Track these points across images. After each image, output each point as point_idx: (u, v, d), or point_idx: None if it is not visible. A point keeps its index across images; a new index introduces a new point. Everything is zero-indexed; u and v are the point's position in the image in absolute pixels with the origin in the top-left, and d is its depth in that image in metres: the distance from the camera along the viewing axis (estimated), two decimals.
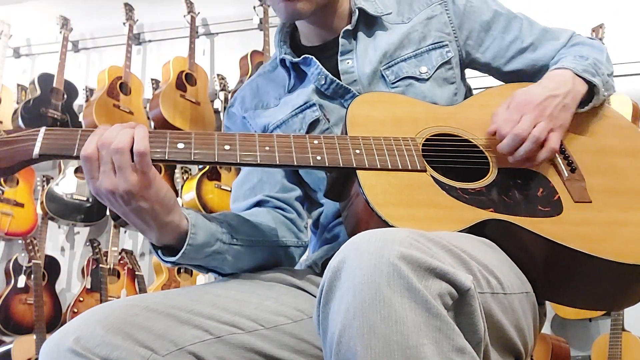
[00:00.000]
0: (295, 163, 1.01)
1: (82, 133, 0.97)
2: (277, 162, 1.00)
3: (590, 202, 1.05)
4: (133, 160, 0.93)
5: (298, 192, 1.27)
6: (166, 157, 0.97)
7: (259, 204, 1.25)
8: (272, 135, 1.03)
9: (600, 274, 0.98)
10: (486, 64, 1.31)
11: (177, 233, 1.02)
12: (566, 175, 1.08)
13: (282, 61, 1.31)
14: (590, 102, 1.17)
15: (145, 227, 0.99)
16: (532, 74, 1.29)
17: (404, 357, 0.68)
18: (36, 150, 0.95)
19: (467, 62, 1.31)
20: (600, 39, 3.12)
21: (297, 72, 1.30)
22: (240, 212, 1.23)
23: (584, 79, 1.15)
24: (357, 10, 1.26)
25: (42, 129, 0.97)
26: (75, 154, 0.95)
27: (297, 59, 1.27)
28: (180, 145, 0.98)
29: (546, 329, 3.12)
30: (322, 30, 1.28)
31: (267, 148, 1.00)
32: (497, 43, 1.29)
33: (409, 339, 0.68)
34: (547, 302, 1.12)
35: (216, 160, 0.99)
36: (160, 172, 1.87)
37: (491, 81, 1.35)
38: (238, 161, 0.99)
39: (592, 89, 1.16)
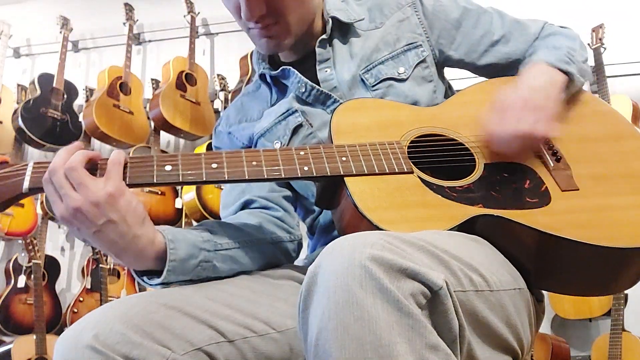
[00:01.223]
0: (284, 175, 1.02)
1: None
2: (265, 176, 1.01)
3: (578, 189, 1.05)
4: (96, 174, 0.95)
5: (287, 192, 1.28)
6: (154, 181, 0.98)
7: (245, 204, 1.25)
8: (259, 150, 1.04)
9: (593, 260, 0.98)
10: (460, 61, 1.32)
11: (154, 252, 1.00)
12: (552, 165, 1.09)
13: (263, 77, 1.33)
14: (567, 90, 1.18)
15: (120, 246, 0.97)
16: (506, 67, 1.30)
17: (377, 356, 0.68)
18: (25, 185, 0.96)
19: (442, 60, 1.32)
20: (600, 39, 3.12)
21: (278, 86, 1.32)
22: (227, 217, 1.23)
23: (558, 68, 1.17)
24: (330, 20, 1.28)
25: (30, 163, 0.98)
26: None
27: (275, 72, 1.29)
28: (168, 168, 1.00)
29: (546, 329, 3.12)
30: (300, 47, 1.28)
31: (254, 163, 1.02)
32: (468, 39, 1.30)
33: (381, 338, 0.69)
34: (546, 302, 1.11)
35: (204, 179, 1.00)
36: None
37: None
38: (226, 178, 1.00)
39: (570, 78, 1.18)
